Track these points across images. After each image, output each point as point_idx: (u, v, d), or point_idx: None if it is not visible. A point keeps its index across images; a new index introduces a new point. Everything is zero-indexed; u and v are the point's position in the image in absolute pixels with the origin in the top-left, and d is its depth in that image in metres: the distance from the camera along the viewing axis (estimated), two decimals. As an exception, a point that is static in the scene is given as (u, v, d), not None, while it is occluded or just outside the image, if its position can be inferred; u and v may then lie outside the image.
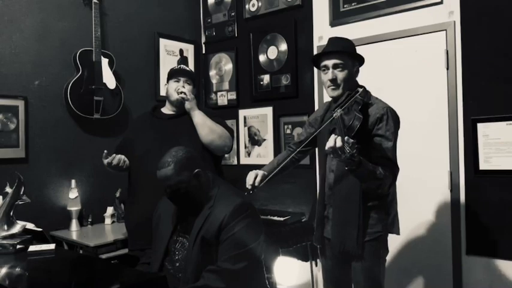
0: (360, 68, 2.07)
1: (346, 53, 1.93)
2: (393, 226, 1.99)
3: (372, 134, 1.86)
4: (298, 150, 2.11)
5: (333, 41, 2.00)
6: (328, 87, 1.95)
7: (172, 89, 2.38)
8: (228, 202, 1.75)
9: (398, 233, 2.01)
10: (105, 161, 2.22)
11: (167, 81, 2.45)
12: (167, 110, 2.45)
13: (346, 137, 1.60)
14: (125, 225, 2.50)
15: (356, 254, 1.90)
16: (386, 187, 1.83)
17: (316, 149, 2.23)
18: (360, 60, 2.00)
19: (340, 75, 1.92)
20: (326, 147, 1.64)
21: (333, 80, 1.92)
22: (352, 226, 1.88)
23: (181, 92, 2.32)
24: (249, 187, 1.92)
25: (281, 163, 2.09)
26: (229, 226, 1.69)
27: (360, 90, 1.86)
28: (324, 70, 1.96)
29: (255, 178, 1.93)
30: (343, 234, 1.91)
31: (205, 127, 2.25)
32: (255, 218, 1.80)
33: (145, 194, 2.26)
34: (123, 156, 2.29)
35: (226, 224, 1.70)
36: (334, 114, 1.73)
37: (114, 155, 2.26)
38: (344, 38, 2.03)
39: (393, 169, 1.84)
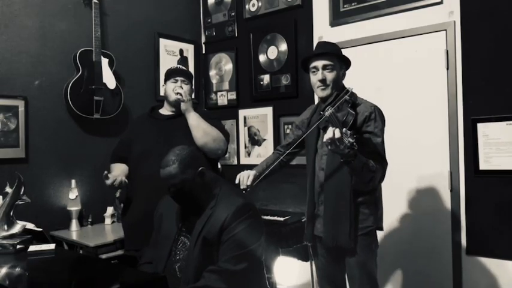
0: (360, 68, 2.10)
1: (335, 55, 2.00)
2: (381, 221, 2.04)
3: (362, 131, 1.92)
4: (287, 152, 2.15)
5: (321, 44, 2.09)
6: (318, 87, 2.01)
7: (170, 89, 2.37)
8: (229, 202, 1.75)
9: (382, 229, 2.06)
10: (107, 182, 2.17)
11: (165, 82, 2.45)
12: (165, 110, 2.45)
13: (344, 129, 1.66)
14: (121, 224, 2.50)
15: (349, 247, 1.93)
16: (376, 181, 1.89)
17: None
18: (347, 63, 2.06)
19: (329, 76, 1.99)
20: (324, 139, 1.70)
21: (323, 81, 1.98)
22: (344, 221, 1.92)
23: (178, 93, 2.31)
24: (244, 186, 2.03)
25: (270, 165, 2.20)
26: (231, 227, 1.69)
27: (350, 90, 1.92)
28: (314, 71, 2.02)
29: (248, 178, 2.04)
30: (335, 229, 1.95)
31: (199, 129, 2.24)
32: (256, 219, 1.80)
33: (141, 194, 2.26)
34: (123, 177, 2.26)
35: (227, 224, 1.69)
36: (326, 113, 1.79)
37: (115, 177, 2.20)
38: (332, 43, 2.11)
39: (383, 163, 1.90)
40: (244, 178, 2.05)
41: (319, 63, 1.98)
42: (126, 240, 2.39)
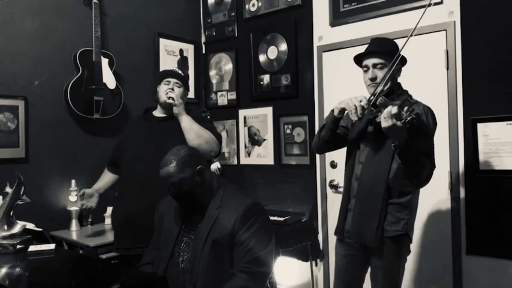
0: (359, 69, 2.09)
1: (385, 53, 1.98)
2: (411, 230, 1.99)
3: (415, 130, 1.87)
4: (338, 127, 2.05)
5: (373, 41, 2.07)
6: (369, 85, 2.01)
7: (162, 91, 2.39)
8: (237, 203, 1.75)
9: (411, 240, 2.01)
10: (78, 204, 2.43)
11: (159, 83, 2.46)
12: (158, 112, 2.47)
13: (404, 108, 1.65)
14: (111, 224, 2.54)
15: (373, 246, 1.92)
16: (422, 178, 1.85)
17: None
18: (402, 60, 2.01)
19: (380, 74, 1.98)
20: (380, 116, 1.69)
21: (373, 79, 1.98)
22: (373, 218, 1.91)
23: (169, 97, 2.32)
24: (360, 115, 1.83)
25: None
26: (243, 229, 1.69)
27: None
28: (365, 70, 2.02)
29: (360, 103, 1.83)
30: (363, 225, 1.95)
31: (192, 132, 2.27)
32: (267, 218, 1.82)
33: (130, 195, 2.30)
34: (93, 204, 2.47)
35: (239, 226, 1.69)
36: (378, 102, 1.78)
37: (84, 202, 2.45)
38: (386, 39, 2.09)
39: (431, 163, 1.86)
40: (358, 106, 1.81)
41: (370, 62, 1.99)
42: (116, 239, 2.42)
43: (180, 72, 2.49)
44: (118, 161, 2.45)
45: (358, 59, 2.08)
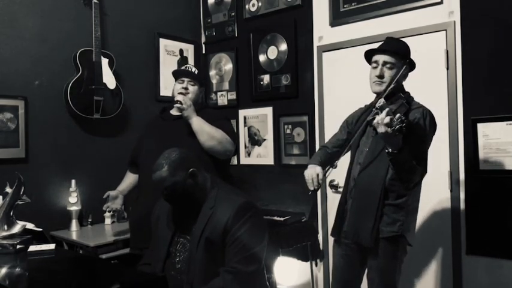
0: (359, 69, 2.09)
1: (398, 53, 1.98)
2: (408, 232, 1.97)
3: (410, 134, 1.89)
4: (344, 152, 2.09)
5: (388, 40, 2.07)
6: (374, 82, 2.00)
7: (175, 90, 2.41)
8: (230, 202, 1.75)
9: (410, 244, 2.00)
10: (104, 206, 2.44)
11: (174, 82, 2.48)
12: (174, 111, 2.47)
13: (397, 115, 1.68)
14: (128, 223, 2.58)
15: (368, 246, 1.92)
16: (412, 184, 1.88)
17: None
18: (411, 65, 2.03)
19: (388, 72, 1.98)
20: (374, 121, 1.72)
21: (380, 76, 1.98)
22: (369, 217, 1.91)
23: (177, 101, 2.31)
24: (316, 187, 1.97)
25: (325, 162, 2.13)
26: (235, 228, 1.69)
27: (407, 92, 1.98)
28: (374, 66, 2.02)
29: (318, 177, 1.96)
30: (359, 224, 1.95)
31: (203, 134, 2.26)
32: (259, 217, 1.82)
33: (146, 194, 2.30)
34: (118, 206, 2.48)
35: (231, 225, 1.69)
36: (378, 104, 1.80)
37: (109, 205, 2.45)
38: (401, 41, 2.09)
39: (423, 169, 1.89)
40: (314, 179, 1.97)
41: (380, 59, 1.98)
42: (131, 238, 2.42)
43: (192, 70, 2.49)
44: (136, 161, 2.46)
45: (369, 55, 2.08)
